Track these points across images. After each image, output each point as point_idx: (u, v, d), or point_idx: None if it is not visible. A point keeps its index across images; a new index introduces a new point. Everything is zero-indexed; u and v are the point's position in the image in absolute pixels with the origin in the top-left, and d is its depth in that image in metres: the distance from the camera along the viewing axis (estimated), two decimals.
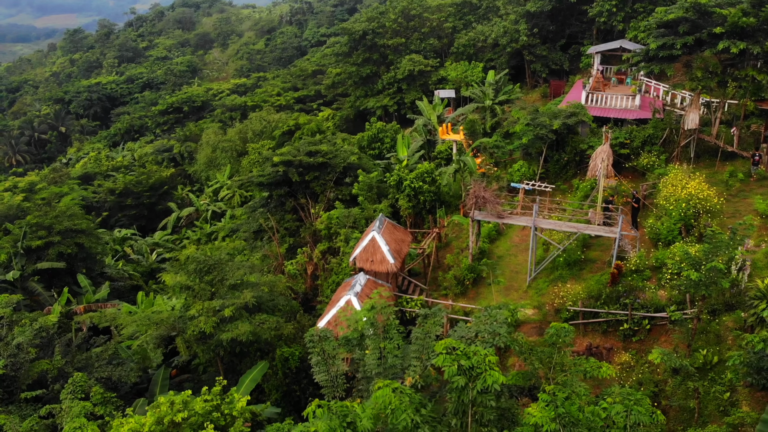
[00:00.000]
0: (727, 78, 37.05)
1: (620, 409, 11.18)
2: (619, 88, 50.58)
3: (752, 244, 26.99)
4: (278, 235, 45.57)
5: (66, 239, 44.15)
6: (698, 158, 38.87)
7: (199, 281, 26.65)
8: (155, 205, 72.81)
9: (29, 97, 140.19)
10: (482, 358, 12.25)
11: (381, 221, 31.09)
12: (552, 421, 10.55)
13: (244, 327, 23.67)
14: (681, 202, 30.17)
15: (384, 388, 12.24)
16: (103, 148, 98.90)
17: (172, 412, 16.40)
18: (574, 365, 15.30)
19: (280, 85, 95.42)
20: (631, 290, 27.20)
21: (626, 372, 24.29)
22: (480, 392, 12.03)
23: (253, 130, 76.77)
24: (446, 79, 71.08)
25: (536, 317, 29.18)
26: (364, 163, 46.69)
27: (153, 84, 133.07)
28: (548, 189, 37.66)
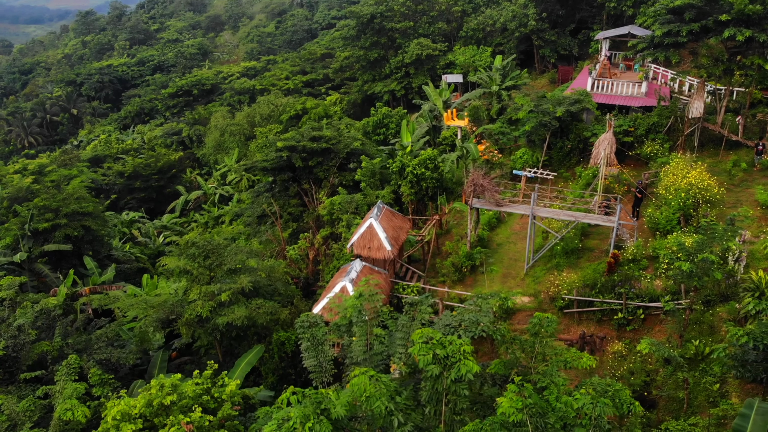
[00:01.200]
0: (733, 66, 36.58)
1: (587, 400, 11.33)
2: (626, 75, 50.08)
3: (749, 235, 26.85)
4: (281, 221, 45.88)
5: (73, 222, 44.74)
6: (702, 147, 38.51)
7: (198, 266, 26.99)
8: (164, 188, 73.37)
9: (41, 79, 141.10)
10: (457, 347, 12.43)
11: (379, 208, 31.23)
12: (519, 411, 10.72)
13: (239, 311, 24.03)
14: (680, 191, 30.04)
15: (360, 376, 12.47)
16: (114, 131, 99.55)
17: (162, 395, 16.78)
18: (555, 355, 15.44)
19: (288, 68, 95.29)
20: (627, 280, 27.21)
21: (618, 361, 24.40)
22: (454, 381, 12.22)
23: (261, 114, 76.95)
24: (454, 64, 70.70)
25: (532, 305, 29.30)
26: (367, 149, 46.74)
27: (164, 67, 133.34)
28: (550, 177, 37.57)
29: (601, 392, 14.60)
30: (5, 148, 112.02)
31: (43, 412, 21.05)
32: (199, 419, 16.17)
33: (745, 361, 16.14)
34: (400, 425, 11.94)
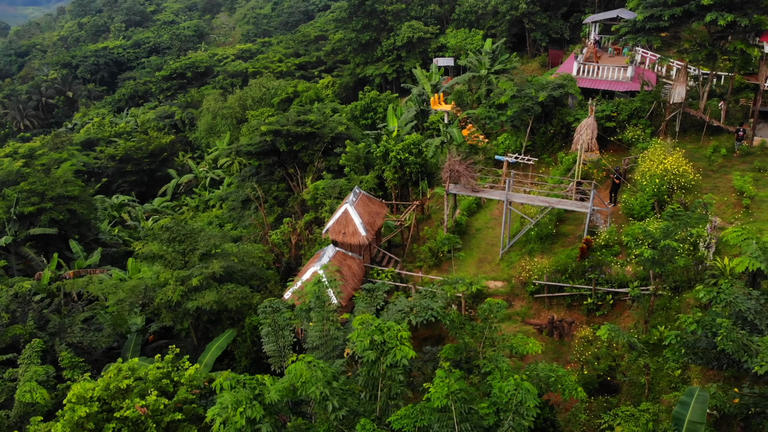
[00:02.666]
0: (716, 51, 36.38)
1: (511, 387, 11.51)
2: (615, 59, 49.80)
3: (720, 221, 26.92)
4: (266, 205, 46.03)
5: (58, 205, 44.93)
6: (685, 132, 38.42)
7: (172, 250, 27.18)
8: (155, 172, 73.45)
9: (37, 61, 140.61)
10: (395, 333, 12.60)
11: (356, 194, 31.31)
12: (445, 397, 10.91)
13: (209, 296, 24.25)
14: (655, 177, 30.08)
15: (298, 362, 12.69)
16: (108, 114, 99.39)
17: (119, 378, 17.04)
18: (502, 340, 15.62)
19: (282, 51, 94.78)
20: (597, 265, 27.36)
21: (585, 346, 24.61)
22: (390, 366, 12.41)
23: (253, 97, 76.69)
24: (446, 47, 70.31)
25: (504, 290, 29.50)
26: (352, 134, 46.71)
27: (160, 49, 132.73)
28: (531, 162, 37.54)
29: (544, 378, 14.84)
30: (1, 131, 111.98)
31: (9, 394, 21.39)
32: (154, 402, 16.45)
33: (696, 347, 16.27)
34: (335, 410, 12.15)
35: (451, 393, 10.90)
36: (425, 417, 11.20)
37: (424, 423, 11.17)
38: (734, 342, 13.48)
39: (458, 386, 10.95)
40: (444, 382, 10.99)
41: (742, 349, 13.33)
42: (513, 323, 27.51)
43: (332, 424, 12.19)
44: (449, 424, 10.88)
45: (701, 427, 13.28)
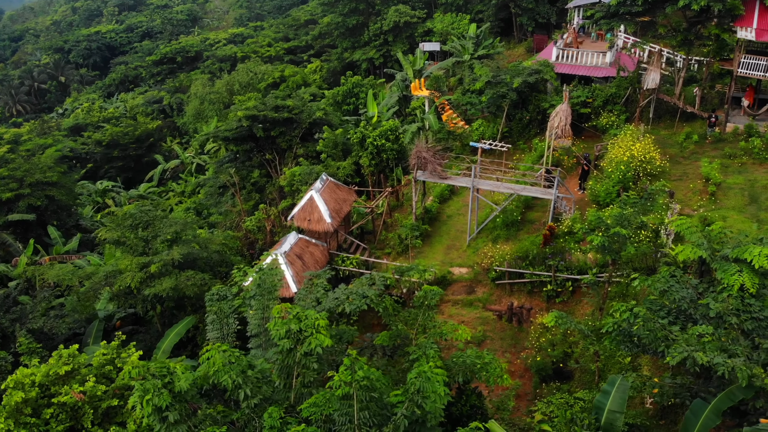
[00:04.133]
0: (691, 36, 36.10)
1: (413, 375, 11.59)
2: (597, 45, 49.45)
3: (679, 208, 26.89)
4: (244, 191, 46.01)
5: (36, 191, 44.95)
6: (660, 119, 38.28)
7: (134, 237, 27.24)
8: (142, 157, 73.38)
9: (30, 46, 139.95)
10: (312, 322, 12.66)
11: (323, 180, 31.30)
12: (347, 385, 10.99)
13: (166, 283, 24.32)
14: (620, 164, 30.01)
15: (212, 350, 12.78)
16: (98, 99, 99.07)
17: (59, 364, 17.18)
18: (434, 327, 15.69)
19: (272, 35, 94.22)
20: (558, 252, 27.39)
21: (540, 332, 24.71)
22: (305, 355, 12.49)
23: (240, 82, 76.44)
24: (433, 32, 69.78)
25: (469, 276, 29.59)
26: (330, 119, 46.53)
27: (152, 33, 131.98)
28: (504, 149, 37.38)
29: (469, 365, 14.92)
30: None
31: None
32: (91, 388, 16.59)
33: (631, 335, 16.32)
34: (247, 398, 12.26)
35: (355, 381, 10.97)
36: (332, 405, 11.29)
37: (330, 411, 11.26)
38: (651, 332, 13.51)
39: (362, 374, 11.02)
40: (348, 370, 11.06)
41: (659, 339, 13.37)
42: (474, 309, 27.65)
43: (244, 412, 12.31)
44: (350, 412, 10.99)
45: (620, 417, 13.36)
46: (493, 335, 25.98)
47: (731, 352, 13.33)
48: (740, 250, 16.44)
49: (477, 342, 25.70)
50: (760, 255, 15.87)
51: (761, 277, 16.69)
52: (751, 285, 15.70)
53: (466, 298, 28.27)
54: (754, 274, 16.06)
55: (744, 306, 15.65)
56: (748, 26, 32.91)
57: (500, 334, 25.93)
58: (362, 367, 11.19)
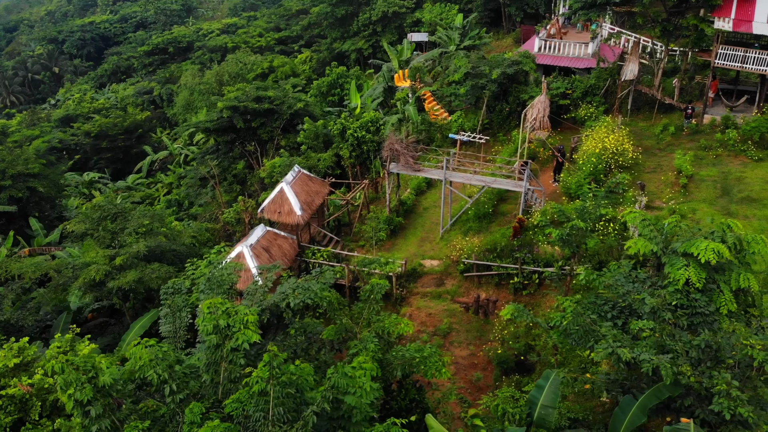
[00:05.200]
0: (669, 27, 35.85)
1: (331, 371, 11.57)
2: (582, 35, 49.16)
3: (646, 201, 26.77)
4: (225, 183, 45.94)
5: (18, 183, 44.88)
6: (639, 110, 38.06)
7: (102, 229, 27.21)
8: (130, 149, 73.16)
9: (25, 36, 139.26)
10: (241, 317, 12.63)
11: (295, 172, 31.20)
12: (263, 381, 10.96)
13: (130, 276, 24.32)
14: (592, 156, 29.88)
15: (138, 345, 12.76)
16: (90, 90, 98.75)
17: (9, 357, 17.21)
18: (377, 321, 15.66)
19: (263, 25, 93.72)
20: (526, 244, 27.32)
21: (504, 325, 24.67)
22: (232, 350, 12.46)
23: (229, 73, 76.07)
24: (422, 22, 69.31)
25: (439, 268, 29.54)
26: (312, 110, 46.36)
27: (147, 23, 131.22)
28: (482, 141, 37.21)
29: (409, 359, 14.89)
30: None
31: None
32: (39, 381, 16.62)
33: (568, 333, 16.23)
34: (173, 393, 12.25)
35: (273, 377, 10.95)
36: (253, 401, 11.27)
37: (250, 407, 11.24)
38: (580, 327, 13.45)
39: (279, 371, 11.00)
40: (267, 366, 11.03)
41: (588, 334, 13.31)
42: (442, 302, 27.61)
43: (170, 407, 12.30)
44: (265, 408, 10.96)
45: (553, 411, 13.32)
46: (459, 327, 25.95)
47: (668, 348, 13.27)
48: (688, 244, 16.34)
49: (443, 334, 25.71)
50: (707, 249, 15.77)
51: (710, 271, 16.64)
52: (697, 280, 15.61)
53: (435, 290, 28.23)
54: (701, 269, 15.97)
55: (689, 301, 15.58)
56: (726, 17, 32.62)
57: (466, 326, 25.89)
58: (281, 363, 11.16)
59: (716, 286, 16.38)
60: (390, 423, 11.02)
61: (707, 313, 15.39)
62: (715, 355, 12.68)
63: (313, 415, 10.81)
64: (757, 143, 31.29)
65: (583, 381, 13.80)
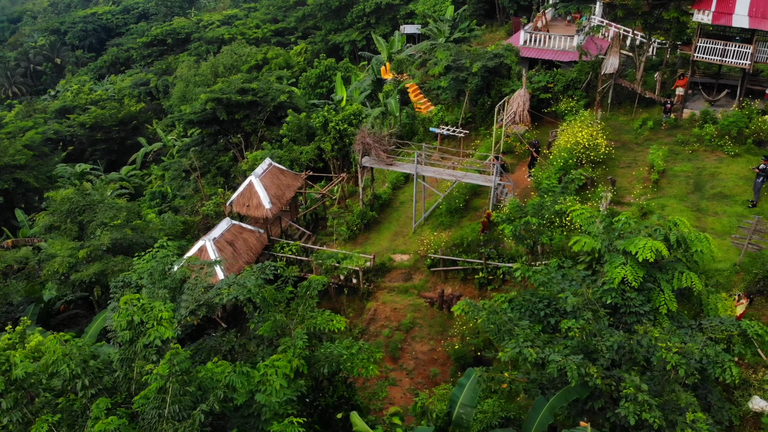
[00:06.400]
0: (651, 19, 35.36)
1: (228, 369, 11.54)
2: (571, 29, 48.63)
3: (610, 197, 26.50)
4: (209, 175, 45.98)
5: (4, 174, 45.16)
6: (620, 104, 37.65)
7: (70, 222, 27.31)
8: (125, 140, 73.40)
9: (28, 27, 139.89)
10: (156, 314, 12.62)
11: (265, 165, 31.13)
12: (164, 379, 10.96)
13: (92, 268, 24.42)
14: (563, 151, 29.62)
15: (53, 340, 12.80)
16: (89, 81, 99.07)
17: None
18: (310, 318, 15.61)
19: (260, 17, 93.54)
20: (492, 239, 27.17)
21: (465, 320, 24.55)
22: (144, 347, 12.46)
23: (224, 64, 76.02)
24: (415, 14, 68.92)
25: (409, 263, 29.45)
26: (295, 102, 46.24)
27: (148, 15, 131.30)
28: (461, 135, 36.99)
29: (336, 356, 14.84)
30: None
31: None
32: None
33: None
34: (84, 388, 12.29)
35: (172, 374, 10.95)
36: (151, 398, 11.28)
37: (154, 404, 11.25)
38: (495, 325, 13.33)
39: (180, 368, 11.01)
40: (167, 363, 11.03)
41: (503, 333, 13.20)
42: (409, 296, 27.54)
43: (81, 402, 12.34)
44: (162, 405, 10.97)
45: (472, 411, 13.24)
46: (422, 322, 25.88)
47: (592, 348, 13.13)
48: (628, 241, 16.17)
49: (405, 329, 25.65)
50: (645, 248, 15.58)
51: (652, 269, 16.46)
52: (633, 278, 15.44)
53: (402, 285, 28.16)
54: (639, 267, 15.80)
55: (624, 300, 15.42)
56: (707, 9, 32.15)
57: (429, 321, 25.82)
58: (181, 361, 11.15)
59: (657, 285, 16.22)
60: (287, 423, 10.99)
61: (642, 312, 15.22)
62: (630, 357, 12.52)
63: (200, 413, 10.80)
64: (735, 138, 30.87)
65: (500, 380, 13.70)
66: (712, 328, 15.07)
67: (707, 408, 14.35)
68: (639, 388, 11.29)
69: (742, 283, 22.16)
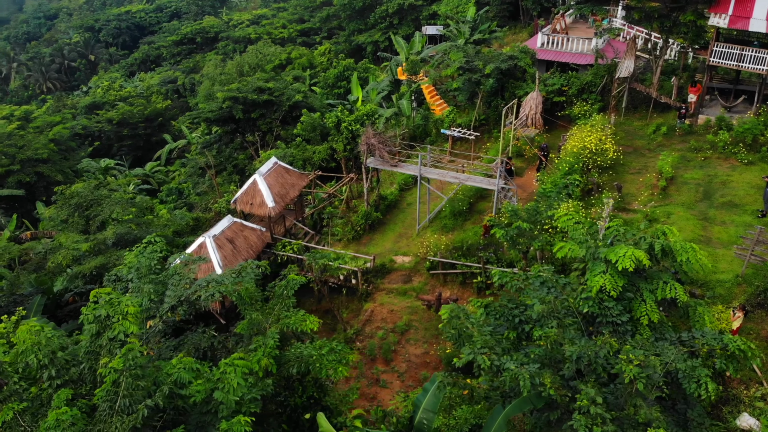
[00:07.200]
0: (667, 23, 34.62)
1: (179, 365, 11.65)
2: (591, 31, 47.91)
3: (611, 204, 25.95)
4: (225, 173, 46.53)
5: (26, 168, 46.38)
6: (636, 109, 36.95)
7: (78, 215, 27.92)
8: (151, 137, 74.75)
9: (63, 24, 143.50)
10: (122, 308, 12.83)
11: (271, 164, 31.35)
12: (118, 372, 11.14)
13: (93, 262, 24.93)
14: (569, 156, 29.19)
15: (22, 328, 13.11)
16: (119, 78, 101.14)
17: None
18: (285, 317, 15.69)
19: (287, 17, 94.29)
20: (492, 244, 26.92)
21: None
22: (110, 340, 12.68)
23: (249, 64, 76.87)
24: (438, 15, 68.68)
25: (409, 265, 29.36)
26: (311, 102, 46.49)
27: (181, 13, 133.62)
28: (472, 137, 36.71)
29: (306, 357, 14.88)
30: (24, 92, 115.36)
31: None
32: None
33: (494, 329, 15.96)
34: (50, 378, 12.56)
35: (126, 369, 11.13)
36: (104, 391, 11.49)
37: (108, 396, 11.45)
38: (456, 330, 13.18)
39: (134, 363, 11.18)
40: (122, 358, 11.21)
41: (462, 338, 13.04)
42: (407, 298, 27.46)
43: (47, 392, 12.61)
44: (114, 398, 11.15)
45: (433, 416, 13.12)
46: (418, 325, 25.78)
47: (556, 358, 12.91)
48: (609, 249, 15.87)
49: (400, 331, 25.59)
50: (625, 256, 15.27)
51: (635, 279, 16.12)
52: (611, 287, 15.14)
53: (401, 287, 28.09)
54: (619, 276, 15.49)
55: (600, 309, 15.14)
56: (723, 13, 31.37)
57: (425, 324, 25.70)
58: (136, 356, 11.32)
59: (639, 295, 15.88)
60: (236, 421, 11.05)
61: (619, 322, 14.92)
62: (592, 368, 12.25)
63: (144, 408, 10.94)
64: (749, 146, 30.07)
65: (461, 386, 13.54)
66: (692, 341, 14.70)
67: (683, 424, 14.00)
68: (594, 400, 11.04)
69: (743, 296, 21.57)
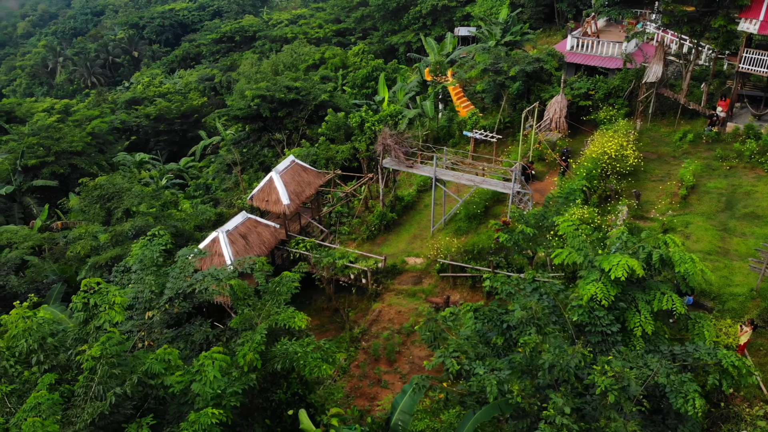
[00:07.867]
0: (698, 27, 33.69)
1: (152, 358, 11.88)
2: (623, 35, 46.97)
3: (626, 211, 25.44)
4: (251, 170, 47.20)
5: (60, 160, 47.88)
6: (663, 115, 36.12)
7: (99, 207, 28.75)
8: (186, 132, 76.29)
9: (109, 21, 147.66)
10: (110, 298, 13.19)
11: (288, 162, 31.69)
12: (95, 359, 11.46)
13: (109, 253, 25.62)
14: (587, 161, 28.70)
15: (13, 313, 13.58)
16: (160, 74, 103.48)
17: None
18: (276, 314, 15.86)
19: (324, 17, 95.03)
20: (503, 248, 26.62)
21: None
22: (96, 328, 13.05)
23: (284, 63, 77.81)
24: (471, 16, 68.28)
25: (421, 267, 29.30)
26: (336, 102, 46.78)
27: (222, 12, 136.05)
28: (494, 140, 36.39)
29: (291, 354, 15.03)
30: (69, 86, 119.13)
31: None
32: None
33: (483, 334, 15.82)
34: (39, 363, 12.99)
35: (103, 357, 11.44)
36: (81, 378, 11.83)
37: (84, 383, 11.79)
38: (431, 332, 13.08)
39: (111, 351, 11.49)
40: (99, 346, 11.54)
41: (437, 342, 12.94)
42: (416, 300, 27.42)
43: (35, 376, 13.03)
44: (90, 385, 11.47)
45: (410, 418, 13.09)
46: None
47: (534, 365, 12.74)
48: (603, 258, 15.57)
49: (406, 333, 25.58)
50: (618, 265, 14.97)
51: (628, 288, 15.78)
52: (603, 296, 14.86)
53: (411, 288, 28.06)
54: (612, 285, 15.18)
55: (590, 318, 14.87)
56: (755, 18, 30.42)
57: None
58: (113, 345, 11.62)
59: (634, 305, 15.54)
60: (203, 413, 11.23)
61: (609, 332, 14.63)
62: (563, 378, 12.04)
63: (113, 395, 11.23)
64: None
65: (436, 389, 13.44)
66: (685, 355, 14.34)
67: None
68: (562, 411, 10.85)
69: (756, 310, 20.88)
